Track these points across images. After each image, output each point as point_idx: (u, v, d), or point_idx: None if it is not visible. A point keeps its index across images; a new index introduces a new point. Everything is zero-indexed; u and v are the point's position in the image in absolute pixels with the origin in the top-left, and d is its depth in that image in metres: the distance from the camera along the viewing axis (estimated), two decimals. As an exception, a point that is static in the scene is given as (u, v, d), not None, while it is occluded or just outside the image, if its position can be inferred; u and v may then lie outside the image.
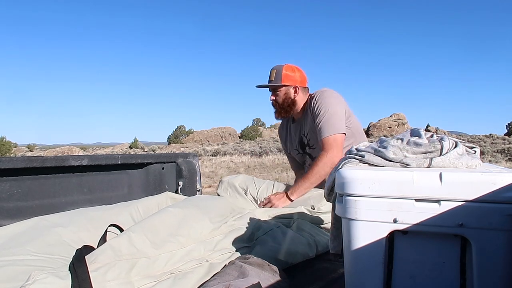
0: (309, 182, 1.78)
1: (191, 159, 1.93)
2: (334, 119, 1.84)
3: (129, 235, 0.98)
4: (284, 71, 1.96)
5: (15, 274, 0.86)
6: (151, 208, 1.36)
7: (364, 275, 0.80)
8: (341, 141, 1.82)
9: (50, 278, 0.80)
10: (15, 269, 0.88)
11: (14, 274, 0.86)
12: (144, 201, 1.41)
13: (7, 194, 1.33)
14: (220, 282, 0.95)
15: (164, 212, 1.12)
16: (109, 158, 1.60)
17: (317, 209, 1.60)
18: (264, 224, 1.34)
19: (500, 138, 22.33)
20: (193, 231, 1.10)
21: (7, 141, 27.55)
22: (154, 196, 1.50)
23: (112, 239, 0.98)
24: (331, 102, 1.88)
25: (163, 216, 1.10)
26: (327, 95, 1.91)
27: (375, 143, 0.95)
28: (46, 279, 0.79)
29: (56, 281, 0.80)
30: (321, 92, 1.94)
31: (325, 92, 1.93)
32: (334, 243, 0.97)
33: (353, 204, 0.79)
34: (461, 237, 0.75)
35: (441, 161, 0.81)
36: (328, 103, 1.87)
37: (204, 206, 1.28)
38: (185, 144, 30.02)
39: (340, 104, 1.90)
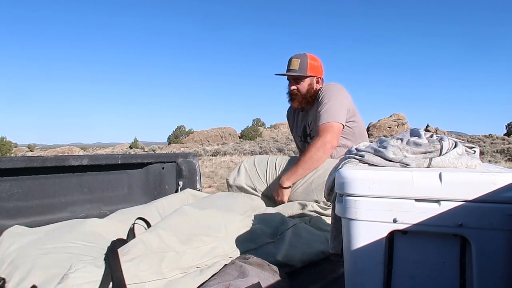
0: (302, 168, 1.78)
1: (191, 159, 1.93)
2: (334, 109, 1.86)
3: (158, 231, 1.05)
4: (310, 61, 1.98)
5: (58, 260, 0.96)
6: (175, 205, 1.43)
7: (364, 275, 0.80)
8: (337, 129, 1.83)
9: (88, 267, 0.89)
10: (58, 256, 0.98)
11: (57, 261, 0.95)
12: (168, 198, 1.50)
13: (8, 194, 1.33)
14: (220, 282, 0.95)
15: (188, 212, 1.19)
16: (109, 158, 1.60)
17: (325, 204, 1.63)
18: (286, 219, 1.41)
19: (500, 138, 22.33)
20: (214, 230, 1.16)
21: (8, 141, 27.55)
22: (177, 194, 1.58)
23: (142, 234, 1.07)
24: (334, 94, 1.91)
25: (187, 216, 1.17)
26: (333, 88, 1.95)
27: (375, 143, 0.95)
28: (85, 268, 0.88)
29: (94, 270, 0.89)
30: (328, 85, 1.99)
31: (332, 85, 1.97)
32: (334, 243, 0.98)
33: (353, 204, 0.79)
34: (461, 237, 0.76)
35: (441, 161, 0.81)
36: (331, 95, 1.91)
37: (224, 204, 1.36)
38: (185, 144, 30.02)
39: (344, 98, 1.92)
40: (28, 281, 0.91)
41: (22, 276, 0.92)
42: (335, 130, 1.82)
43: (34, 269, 0.93)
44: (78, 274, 0.86)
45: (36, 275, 0.92)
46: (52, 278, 0.90)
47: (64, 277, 0.86)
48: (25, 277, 0.92)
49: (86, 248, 1.05)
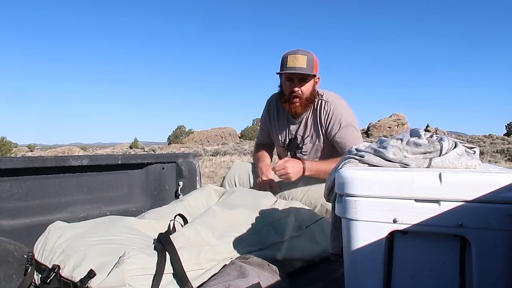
0: (329, 167, 1.61)
1: (191, 159, 1.93)
2: (356, 134, 1.76)
3: (195, 227, 1.15)
4: (315, 59, 1.75)
5: (108, 250, 1.03)
6: (200, 202, 1.52)
7: (364, 275, 0.81)
8: None
9: (141, 255, 0.97)
10: (107, 246, 1.05)
11: (107, 250, 1.03)
12: (193, 195, 1.55)
13: (8, 194, 1.33)
14: (220, 282, 0.95)
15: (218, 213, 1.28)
16: (109, 158, 1.60)
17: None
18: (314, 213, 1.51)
19: (500, 138, 22.33)
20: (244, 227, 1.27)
21: (8, 141, 27.55)
22: (201, 190, 1.61)
23: (182, 229, 1.16)
24: (349, 114, 1.78)
25: (219, 216, 1.26)
26: (344, 106, 1.79)
27: (375, 144, 0.95)
28: (138, 255, 0.96)
29: (145, 257, 0.97)
30: (335, 101, 1.80)
31: (341, 103, 1.80)
32: (334, 243, 0.98)
33: (353, 204, 0.79)
34: (460, 237, 0.76)
35: (441, 162, 0.81)
36: (348, 116, 1.76)
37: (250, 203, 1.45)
38: (185, 144, 30.02)
39: (355, 117, 1.82)
40: (83, 267, 0.97)
41: (76, 263, 0.99)
42: None
43: (87, 256, 1.00)
44: (132, 260, 0.94)
45: (90, 262, 0.98)
46: (106, 264, 0.97)
47: (120, 262, 0.94)
48: (80, 264, 0.98)
49: (132, 240, 1.12)
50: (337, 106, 1.77)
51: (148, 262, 0.97)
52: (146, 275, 0.95)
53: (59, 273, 1.00)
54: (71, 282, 0.97)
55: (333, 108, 1.77)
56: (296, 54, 1.72)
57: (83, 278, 0.94)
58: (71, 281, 0.97)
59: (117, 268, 0.93)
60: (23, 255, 1.20)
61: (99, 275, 0.94)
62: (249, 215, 1.33)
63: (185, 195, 1.60)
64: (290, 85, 1.77)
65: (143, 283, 0.93)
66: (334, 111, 1.76)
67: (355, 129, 1.76)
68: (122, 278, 0.91)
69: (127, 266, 0.92)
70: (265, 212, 1.39)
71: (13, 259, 1.15)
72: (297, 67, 1.71)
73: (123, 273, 0.91)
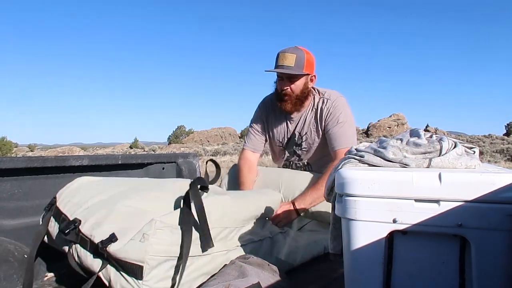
0: (320, 192, 1.58)
1: (191, 159, 1.93)
2: (351, 131, 1.76)
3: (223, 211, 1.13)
4: (307, 57, 1.73)
5: (131, 214, 1.00)
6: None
7: (364, 275, 0.81)
8: None
9: (166, 231, 0.94)
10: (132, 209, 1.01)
11: (131, 214, 0.99)
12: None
13: (8, 194, 1.34)
14: (220, 282, 0.95)
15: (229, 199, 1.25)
16: (109, 158, 1.60)
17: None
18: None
19: (499, 138, 22.33)
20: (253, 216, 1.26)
21: (8, 141, 27.54)
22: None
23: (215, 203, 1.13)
24: (348, 112, 1.78)
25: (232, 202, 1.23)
26: (344, 103, 1.80)
27: (375, 144, 0.95)
28: (163, 231, 0.93)
29: (170, 237, 0.94)
30: (337, 99, 1.80)
31: (342, 100, 1.80)
32: (334, 243, 0.98)
33: (352, 204, 0.80)
34: (460, 237, 0.76)
35: (441, 162, 0.81)
36: (346, 114, 1.77)
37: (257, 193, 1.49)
38: (185, 144, 30.00)
39: (352, 116, 1.81)
40: (104, 228, 0.95)
41: (97, 221, 0.97)
42: None
43: (110, 216, 0.98)
44: (157, 240, 0.92)
45: (112, 222, 0.96)
46: (127, 230, 0.94)
47: (144, 236, 0.91)
48: (101, 222, 0.97)
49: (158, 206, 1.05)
50: (338, 104, 1.78)
51: (172, 243, 0.94)
52: (167, 256, 0.93)
53: (78, 228, 0.98)
54: (90, 240, 0.95)
55: (334, 105, 1.78)
56: (286, 52, 1.72)
57: (104, 240, 0.92)
58: (89, 239, 0.95)
59: (140, 243, 0.90)
60: (24, 255, 1.20)
61: (120, 240, 0.92)
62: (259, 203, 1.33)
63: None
64: (280, 83, 1.78)
65: (161, 265, 0.92)
66: (334, 108, 1.77)
67: (350, 127, 1.77)
68: (143, 255, 0.89)
69: (151, 243, 0.90)
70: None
71: (13, 259, 1.16)
72: (285, 65, 1.70)
73: (145, 251, 0.89)
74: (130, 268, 0.90)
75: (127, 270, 0.90)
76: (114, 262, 0.91)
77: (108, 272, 0.92)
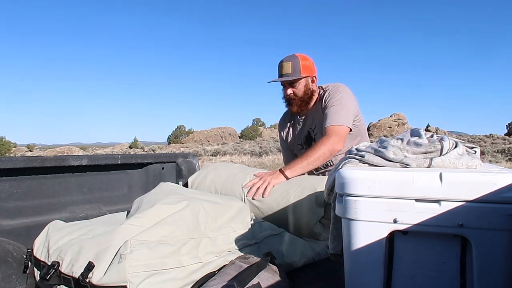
0: (307, 162, 1.69)
1: (191, 159, 1.93)
2: (344, 111, 1.82)
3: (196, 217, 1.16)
4: (301, 62, 1.90)
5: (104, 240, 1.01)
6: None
7: (364, 275, 0.80)
8: (345, 134, 1.79)
9: (143, 249, 0.95)
10: (102, 237, 1.03)
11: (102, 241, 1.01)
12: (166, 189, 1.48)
13: (7, 194, 1.33)
14: (220, 282, 0.95)
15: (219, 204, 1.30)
16: (109, 158, 1.60)
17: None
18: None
19: (501, 138, 22.34)
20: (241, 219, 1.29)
21: (7, 141, 27.55)
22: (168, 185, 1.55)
23: (181, 217, 1.14)
24: (344, 96, 1.88)
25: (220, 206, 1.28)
26: (342, 90, 1.91)
27: (375, 143, 0.95)
28: (141, 250, 0.95)
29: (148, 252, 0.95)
30: (336, 86, 1.93)
31: (340, 87, 1.93)
32: (334, 243, 0.97)
33: (353, 204, 0.79)
34: (461, 237, 0.75)
35: (441, 161, 0.81)
36: (341, 97, 1.86)
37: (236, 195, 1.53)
38: (185, 144, 30.02)
39: (352, 101, 1.89)
40: (81, 261, 0.96)
41: (72, 257, 0.99)
42: (343, 133, 1.78)
43: (83, 249, 1.00)
44: (134, 256, 0.92)
45: (86, 254, 0.98)
46: (103, 254, 0.95)
47: (121, 257, 0.92)
48: (77, 258, 0.98)
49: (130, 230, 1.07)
50: (333, 89, 1.92)
51: (151, 258, 0.95)
52: (148, 271, 0.93)
53: (58, 269, 0.99)
54: (72, 277, 0.95)
55: (330, 92, 1.92)
56: (283, 62, 1.92)
57: (83, 272, 0.93)
58: (71, 277, 0.95)
59: (119, 264, 0.91)
60: (22, 255, 1.20)
61: (98, 267, 0.92)
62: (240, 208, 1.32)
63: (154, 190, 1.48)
64: (284, 91, 1.98)
65: (145, 280, 0.92)
66: (329, 94, 1.91)
67: (343, 108, 1.84)
68: (123, 275, 0.89)
69: (129, 262, 0.91)
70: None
71: (12, 259, 1.15)
72: (284, 74, 1.91)
73: (124, 269, 0.89)
74: None
75: None
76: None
77: None
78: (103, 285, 0.90)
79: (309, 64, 1.92)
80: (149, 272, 0.93)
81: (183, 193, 1.36)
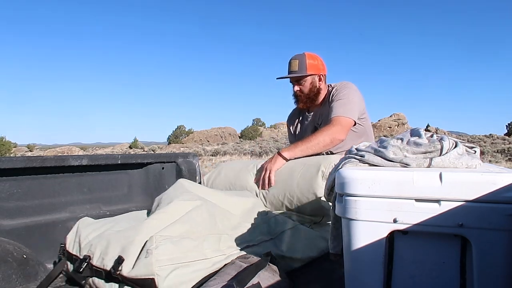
0: (306, 146, 1.73)
1: (191, 159, 1.93)
2: (349, 105, 1.87)
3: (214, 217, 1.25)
4: (308, 60, 1.96)
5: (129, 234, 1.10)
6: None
7: (364, 275, 0.80)
8: (349, 124, 1.82)
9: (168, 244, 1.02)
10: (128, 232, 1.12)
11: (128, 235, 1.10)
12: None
13: (7, 194, 1.33)
14: (220, 282, 0.95)
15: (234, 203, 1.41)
16: (109, 158, 1.60)
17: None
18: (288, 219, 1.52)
19: (500, 138, 22.34)
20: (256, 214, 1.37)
21: (7, 141, 27.53)
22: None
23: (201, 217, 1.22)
24: (351, 92, 1.93)
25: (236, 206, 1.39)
26: (349, 86, 1.96)
27: (375, 143, 0.95)
28: (165, 245, 1.02)
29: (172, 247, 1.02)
30: (344, 83, 1.99)
31: (348, 84, 1.98)
32: (334, 243, 0.97)
33: (353, 204, 0.79)
34: (461, 237, 0.75)
35: (441, 161, 0.81)
36: (348, 92, 1.92)
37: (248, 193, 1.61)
38: (185, 144, 30.01)
39: (359, 97, 1.93)
40: (110, 255, 1.05)
41: (102, 251, 1.07)
42: (347, 124, 1.81)
43: (111, 243, 1.08)
44: (160, 251, 1.00)
45: (114, 247, 1.06)
46: (129, 247, 1.04)
47: (148, 252, 1.00)
48: (106, 252, 1.06)
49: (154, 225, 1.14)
50: (340, 86, 1.97)
51: (175, 252, 1.02)
52: (174, 264, 1.00)
53: (90, 263, 1.08)
54: (103, 270, 1.04)
55: (337, 89, 1.97)
56: (291, 60, 1.99)
57: (113, 265, 1.01)
58: (102, 269, 1.04)
59: (146, 258, 0.98)
60: (22, 255, 1.20)
61: (126, 261, 1.00)
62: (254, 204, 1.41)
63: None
64: (292, 87, 2.05)
65: (172, 273, 0.98)
66: (336, 91, 1.96)
67: (349, 102, 1.88)
68: (151, 268, 0.96)
69: (155, 256, 0.98)
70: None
71: (12, 259, 1.15)
72: (291, 71, 1.98)
73: (151, 264, 0.97)
74: (144, 283, 0.97)
75: (142, 286, 0.98)
76: (129, 282, 0.99)
77: None
78: (132, 277, 0.98)
79: (316, 63, 1.98)
80: (174, 265, 1.00)
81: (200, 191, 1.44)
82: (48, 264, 1.35)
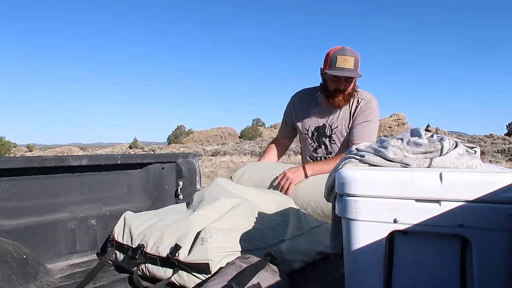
0: (328, 167, 1.76)
1: (191, 159, 1.93)
2: (373, 130, 1.94)
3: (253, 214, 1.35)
4: (360, 60, 1.88)
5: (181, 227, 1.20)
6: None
7: (364, 275, 0.80)
8: None
9: (220, 234, 1.14)
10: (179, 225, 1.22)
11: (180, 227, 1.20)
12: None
13: (7, 194, 1.33)
14: (219, 282, 0.95)
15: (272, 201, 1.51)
16: (108, 158, 1.60)
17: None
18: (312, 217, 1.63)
19: (501, 138, 22.34)
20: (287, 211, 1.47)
21: (7, 141, 27.53)
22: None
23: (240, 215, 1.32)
24: (376, 114, 1.97)
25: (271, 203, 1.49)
26: (375, 106, 1.98)
27: (375, 143, 0.95)
28: (217, 234, 1.13)
29: (223, 237, 1.14)
30: (370, 100, 1.97)
31: (374, 103, 1.98)
32: (334, 243, 0.97)
33: (353, 204, 0.79)
34: (461, 237, 0.75)
35: (441, 161, 0.81)
36: (375, 115, 1.95)
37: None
38: (185, 144, 30.00)
39: (378, 117, 2.01)
40: (164, 243, 1.16)
41: (157, 240, 1.18)
42: None
43: (165, 234, 1.18)
44: (214, 239, 1.11)
45: (168, 238, 1.17)
46: (183, 238, 1.14)
47: (203, 240, 1.10)
48: (161, 241, 1.17)
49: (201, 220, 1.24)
50: (370, 105, 1.96)
51: (226, 241, 1.14)
52: (225, 252, 1.12)
53: (144, 251, 1.18)
54: (158, 257, 1.15)
55: (366, 105, 1.95)
56: (345, 55, 1.83)
57: (172, 251, 1.11)
58: (157, 256, 1.15)
59: (201, 246, 1.09)
60: (22, 255, 1.20)
61: (183, 248, 1.11)
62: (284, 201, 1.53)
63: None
64: (336, 83, 1.89)
65: (224, 259, 1.10)
66: (366, 108, 1.94)
67: (375, 128, 1.95)
68: (206, 254, 1.08)
69: (210, 244, 1.09)
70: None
71: (11, 259, 1.15)
72: (346, 68, 1.82)
73: (207, 250, 1.08)
74: (199, 267, 1.08)
75: (197, 270, 1.09)
76: (185, 266, 1.10)
77: (181, 276, 1.11)
78: (189, 262, 1.09)
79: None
80: (226, 253, 1.12)
81: (236, 189, 1.54)
82: (48, 264, 1.34)
